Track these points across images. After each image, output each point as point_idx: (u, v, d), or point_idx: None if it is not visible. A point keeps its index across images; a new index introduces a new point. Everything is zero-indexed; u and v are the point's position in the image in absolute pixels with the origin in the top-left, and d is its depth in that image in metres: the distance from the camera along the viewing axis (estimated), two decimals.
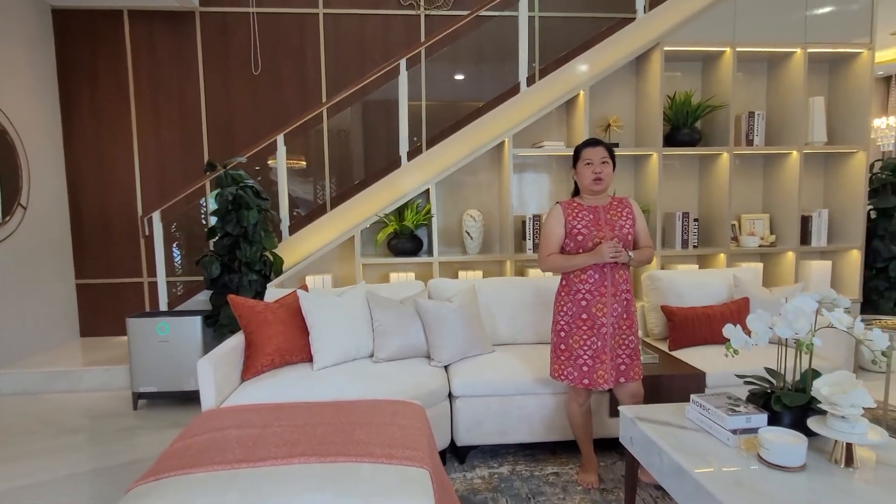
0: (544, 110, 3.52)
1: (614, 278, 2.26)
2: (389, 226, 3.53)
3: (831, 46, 3.66)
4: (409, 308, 2.87)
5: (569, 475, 2.53)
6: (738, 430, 1.70)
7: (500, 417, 2.61)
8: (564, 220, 2.30)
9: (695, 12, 3.51)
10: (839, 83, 3.92)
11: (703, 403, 1.83)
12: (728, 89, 3.62)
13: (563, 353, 2.32)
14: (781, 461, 1.52)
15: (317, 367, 2.64)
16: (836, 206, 3.97)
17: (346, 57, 4.76)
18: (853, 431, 1.51)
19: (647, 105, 3.69)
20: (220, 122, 4.75)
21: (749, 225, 3.97)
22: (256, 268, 3.36)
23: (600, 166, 2.27)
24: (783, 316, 1.64)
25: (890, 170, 3.94)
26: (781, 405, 1.71)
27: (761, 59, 3.87)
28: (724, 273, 3.30)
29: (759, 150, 3.73)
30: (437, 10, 4.73)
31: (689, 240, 3.76)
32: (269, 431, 1.85)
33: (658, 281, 3.22)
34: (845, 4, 3.67)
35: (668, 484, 1.70)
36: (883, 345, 1.56)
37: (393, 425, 1.88)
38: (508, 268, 3.64)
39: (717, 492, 1.43)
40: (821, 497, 1.40)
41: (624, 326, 2.29)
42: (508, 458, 2.72)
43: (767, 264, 4.00)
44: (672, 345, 3.03)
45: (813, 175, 4.04)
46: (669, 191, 3.94)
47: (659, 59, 3.52)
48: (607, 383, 2.25)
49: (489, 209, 3.84)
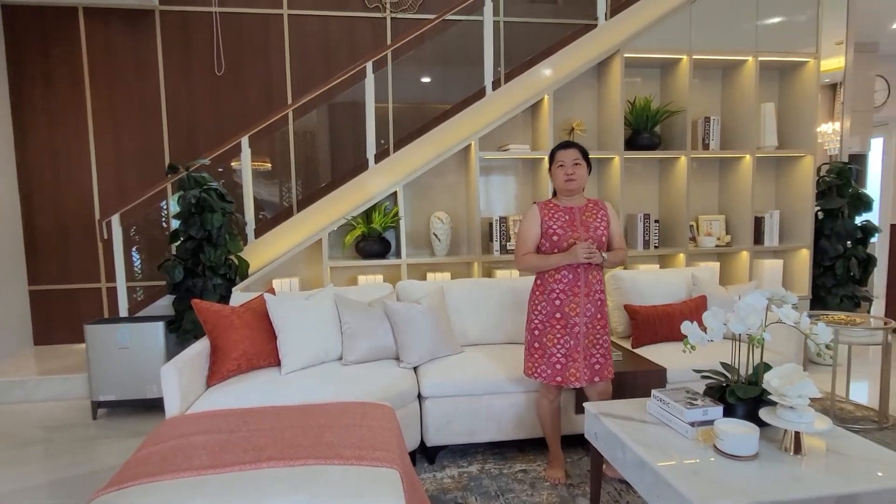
0: (510, 114, 3.58)
1: (587, 279, 2.32)
2: (357, 228, 3.53)
3: (780, 55, 3.84)
4: (377, 310, 2.88)
5: (537, 472, 2.58)
6: (695, 423, 1.78)
7: (470, 417, 2.65)
8: (541, 220, 2.35)
9: (653, 21, 3.63)
10: (788, 90, 4.12)
11: (663, 398, 1.90)
12: (685, 95, 3.75)
13: (536, 352, 2.37)
14: (735, 451, 1.60)
15: (285, 371, 2.62)
16: (787, 208, 4.16)
17: (312, 58, 4.73)
18: (801, 420, 1.60)
19: (608, 110, 3.79)
20: (181, 123, 4.65)
21: (706, 226, 4.12)
22: (221, 272, 3.30)
23: (572, 167, 2.33)
24: (736, 312, 1.72)
25: (835, 173, 4.15)
26: (735, 398, 1.80)
27: (716, 67, 4.03)
28: (683, 272, 3.42)
29: (715, 154, 3.88)
30: (403, 14, 4.74)
31: (650, 240, 3.88)
32: (236, 436, 1.83)
33: (621, 280, 3.31)
34: (793, 16, 3.85)
35: (631, 476, 1.76)
36: (826, 338, 1.66)
37: (362, 427, 1.89)
38: (476, 269, 3.68)
39: (675, 482, 1.49)
40: (771, 483, 1.48)
41: (598, 326, 2.35)
42: (478, 457, 2.75)
43: (724, 263, 4.16)
44: (635, 342, 3.12)
45: (765, 178, 4.23)
46: (631, 193, 4.06)
47: (619, 66, 3.62)
48: (580, 381, 2.31)
49: (457, 211, 3.88)
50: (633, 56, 3.69)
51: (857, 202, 4.14)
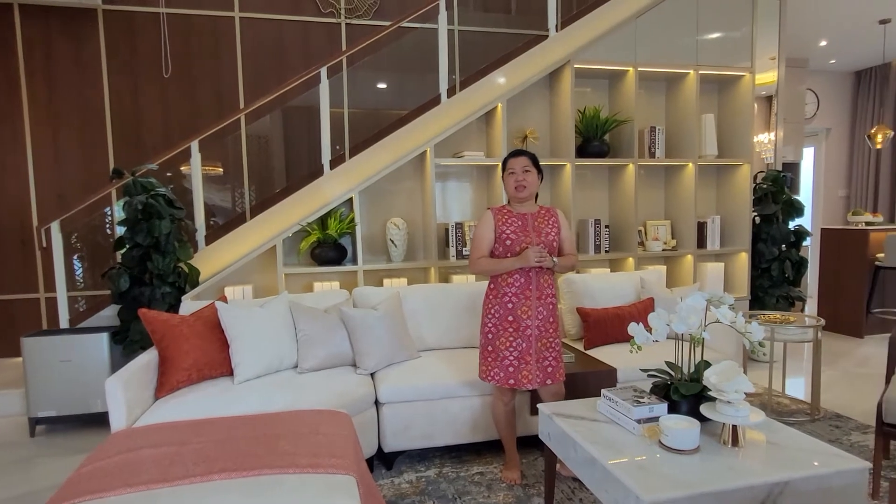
0: (464, 121, 3.63)
1: (539, 283, 2.38)
2: (312, 234, 3.50)
3: (719, 69, 4.06)
4: (333, 317, 2.86)
5: (493, 473, 2.62)
6: (642, 420, 1.86)
7: (427, 421, 2.66)
8: (495, 224, 2.40)
9: (601, 34, 3.77)
10: (727, 102, 4.35)
11: (612, 397, 1.98)
12: (632, 105, 3.91)
13: (490, 355, 2.42)
14: (678, 445, 1.68)
15: (238, 381, 2.57)
16: (727, 213, 4.39)
17: (265, 62, 4.66)
18: (737, 414, 1.70)
19: (560, 118, 3.90)
20: (127, 126, 4.48)
21: (654, 231, 4.29)
22: (170, 280, 3.20)
23: (522, 175, 2.39)
24: (678, 313, 1.81)
25: (770, 180, 4.40)
26: (679, 394, 1.89)
27: (660, 79, 4.22)
28: (632, 276, 3.55)
29: (661, 162, 4.05)
30: (358, 20, 4.74)
31: (601, 245, 4.01)
32: (186, 449, 1.78)
33: (573, 284, 3.41)
34: (730, 32, 4.08)
35: (582, 473, 1.82)
36: (759, 336, 1.77)
37: (318, 434, 1.88)
38: (433, 274, 3.71)
39: (622, 476, 1.56)
40: (711, 475, 1.57)
41: (550, 329, 2.42)
42: (435, 461, 2.77)
43: (670, 266, 4.34)
44: (587, 344, 3.22)
45: (707, 185, 4.44)
46: (583, 199, 4.19)
47: (570, 76, 3.74)
48: (532, 383, 2.37)
49: (413, 217, 3.90)
50: (583, 67, 3.81)
51: (790, 208, 4.40)
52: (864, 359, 4.48)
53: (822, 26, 5.67)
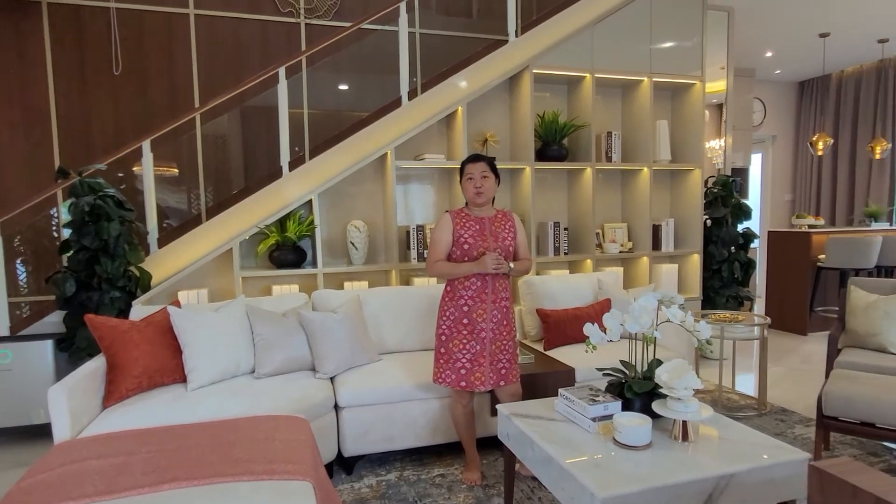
0: (425, 124, 3.64)
1: (495, 286, 2.41)
2: (271, 237, 3.43)
3: (671, 77, 4.20)
4: (292, 320, 2.82)
5: (454, 475, 2.63)
6: (597, 418, 1.90)
7: (387, 425, 2.65)
8: (453, 228, 2.41)
9: (559, 40, 3.84)
10: (679, 109, 4.50)
11: (569, 396, 2.01)
12: (589, 111, 4.00)
13: (442, 357, 2.42)
14: (631, 441, 1.73)
15: (192, 388, 2.49)
16: (680, 216, 4.54)
17: (221, 60, 4.55)
18: (687, 410, 1.76)
19: (519, 122, 3.96)
20: (74, 125, 4.30)
21: (611, 233, 4.40)
22: (120, 284, 3.08)
23: (481, 180, 2.42)
24: (631, 314, 1.86)
25: (720, 185, 4.58)
26: (632, 392, 1.94)
27: (616, 86, 4.33)
28: (590, 277, 3.63)
29: (617, 166, 4.15)
30: (318, 20, 4.69)
31: (560, 247, 4.08)
32: (135, 459, 1.72)
33: (533, 286, 3.46)
34: (682, 41, 4.23)
35: (540, 472, 1.85)
36: (707, 335, 1.84)
37: (274, 440, 1.84)
38: (394, 277, 3.70)
39: (577, 474, 1.59)
40: (662, 469, 1.62)
41: (504, 332, 2.44)
42: (396, 465, 2.76)
43: (627, 268, 4.46)
44: (547, 345, 3.27)
45: (661, 189, 4.58)
46: (542, 202, 4.25)
47: (529, 81, 3.80)
48: (484, 385, 2.39)
49: (374, 220, 3.88)
50: (542, 72, 3.88)
51: (739, 211, 4.58)
52: (807, 355, 4.70)
53: (767, 38, 5.95)
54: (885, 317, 2.91)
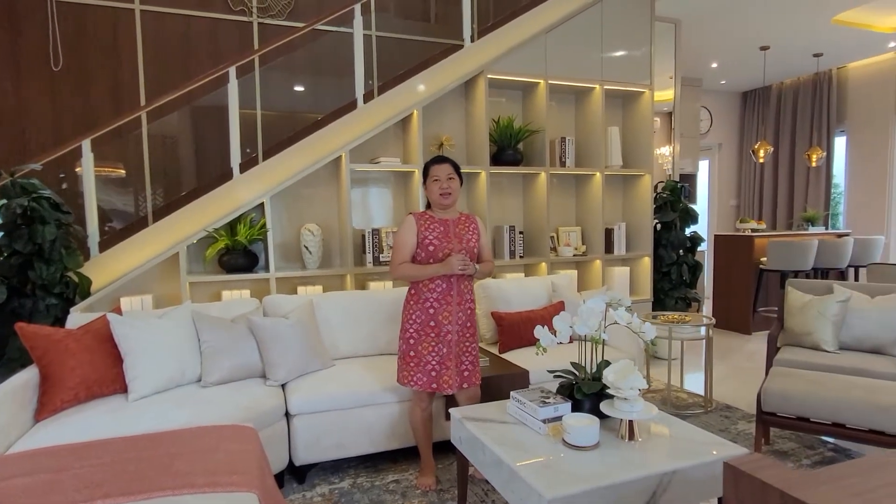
0: (380, 127, 3.62)
1: (459, 288, 2.41)
2: (220, 241, 3.33)
3: (622, 85, 4.32)
4: (241, 327, 2.74)
5: (409, 481, 2.61)
6: (547, 420, 1.92)
7: (340, 431, 2.61)
8: (417, 230, 2.40)
9: (513, 46, 3.89)
10: (630, 116, 4.63)
11: (520, 398, 2.03)
12: (543, 116, 4.06)
13: (412, 360, 2.40)
14: (579, 442, 1.76)
15: (133, 398, 2.39)
16: (632, 220, 4.66)
17: (169, 58, 4.40)
18: (633, 410, 1.80)
19: (475, 127, 3.99)
20: (7, 123, 4.06)
21: (565, 236, 4.48)
22: (56, 290, 2.93)
23: (447, 182, 2.42)
24: (579, 316, 1.89)
25: (669, 190, 4.73)
26: (582, 393, 1.97)
27: (569, 92, 4.42)
28: (544, 280, 3.68)
29: (571, 171, 4.24)
30: (271, 19, 4.60)
31: (515, 250, 4.13)
32: (67, 475, 1.63)
33: (488, 289, 3.48)
34: (631, 51, 4.36)
35: (490, 475, 1.85)
36: (651, 335, 1.89)
37: (219, 451, 1.78)
38: (349, 281, 3.65)
39: (526, 476, 1.60)
40: (609, 468, 1.65)
41: (468, 334, 2.45)
42: (350, 472, 2.72)
43: (581, 271, 4.55)
44: (502, 347, 3.29)
45: (613, 193, 4.70)
46: (498, 206, 4.29)
47: (484, 86, 3.83)
48: (451, 388, 2.39)
49: (329, 223, 3.82)
50: (497, 78, 3.92)
51: (686, 216, 4.75)
52: (750, 354, 4.90)
53: (712, 50, 6.20)
54: (819, 316, 3.06)
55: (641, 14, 4.36)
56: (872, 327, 3.01)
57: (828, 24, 5.50)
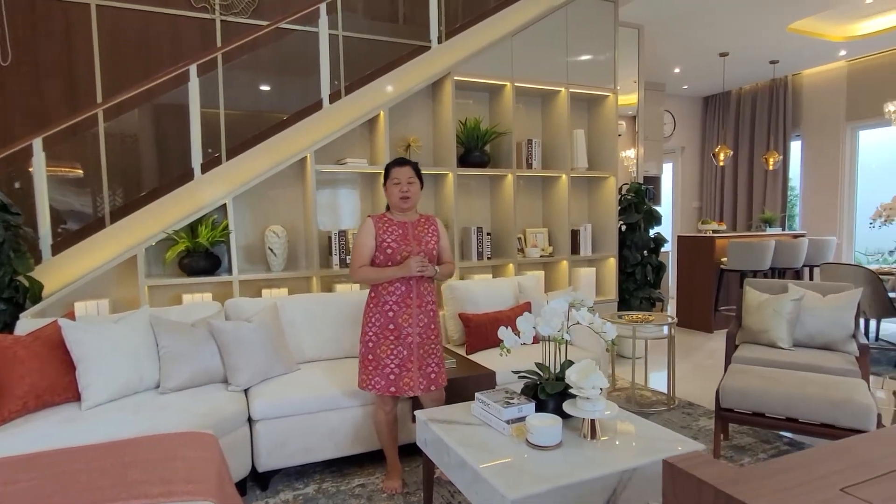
0: (346, 128, 3.58)
1: (419, 290, 2.40)
2: (180, 243, 3.25)
3: (587, 88, 4.38)
4: (201, 331, 2.67)
5: (375, 485, 2.59)
6: (511, 420, 1.93)
7: (305, 436, 2.57)
8: (375, 233, 2.38)
9: (479, 49, 3.91)
10: (595, 119, 4.71)
11: (485, 399, 2.04)
12: (510, 118, 4.09)
13: (370, 363, 2.39)
14: (542, 442, 1.77)
15: (86, 406, 2.30)
16: (597, 221, 4.74)
17: (128, 55, 4.27)
18: (594, 409, 1.82)
19: (442, 128, 3.99)
20: None
21: (532, 238, 4.51)
22: (5, 295, 2.80)
23: (407, 185, 2.41)
24: (542, 316, 1.91)
25: (633, 192, 4.83)
26: (545, 393, 1.99)
27: (535, 95, 4.46)
28: (511, 281, 3.70)
29: (537, 173, 4.28)
30: (235, 17, 4.51)
31: (483, 252, 4.14)
32: (14, 489, 1.56)
33: (456, 290, 3.48)
34: (596, 55, 4.43)
35: (455, 476, 1.85)
36: (612, 335, 1.92)
37: (176, 459, 1.73)
38: (315, 284, 3.60)
39: (489, 476, 1.60)
40: (571, 468, 1.66)
41: (431, 336, 2.44)
42: (315, 477, 2.68)
43: (548, 272, 4.59)
44: (469, 349, 3.30)
45: (579, 195, 4.77)
46: (465, 207, 4.30)
47: (451, 87, 3.84)
48: (413, 390, 2.38)
49: (294, 225, 3.76)
50: (463, 79, 3.93)
51: (650, 217, 4.85)
52: (712, 352, 5.03)
53: (675, 55, 6.36)
54: (775, 315, 3.16)
55: (605, 19, 4.44)
56: (824, 324, 3.12)
57: (783, 32, 5.70)
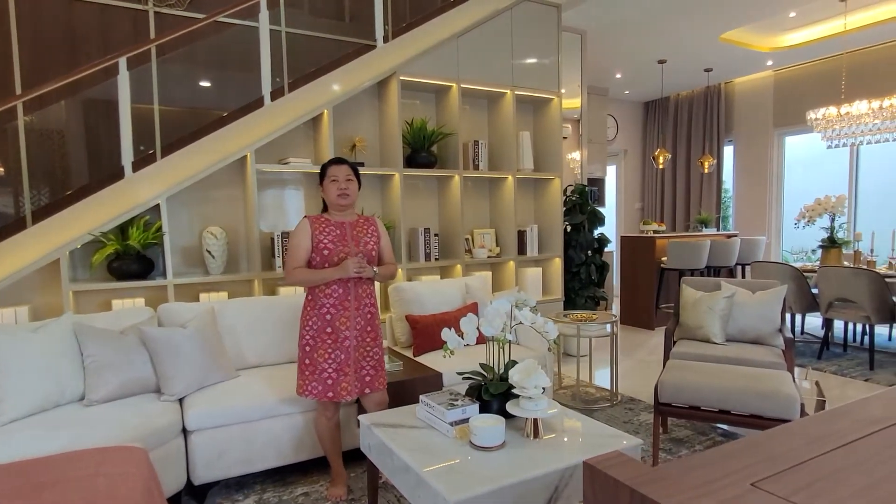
0: (288, 126, 3.49)
1: (358, 293, 2.35)
2: (109, 245, 3.06)
3: (532, 91, 4.45)
4: (132, 338, 2.53)
5: (319, 492, 2.52)
6: (455, 422, 1.92)
7: (245, 446, 2.47)
8: (311, 233, 2.32)
9: (425, 49, 3.90)
10: (540, 121, 4.78)
11: (429, 402, 2.02)
12: (456, 119, 4.10)
13: (308, 368, 2.32)
14: (485, 443, 1.77)
15: (1, 423, 2.13)
16: (543, 222, 4.81)
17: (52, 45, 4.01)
18: (537, 408, 1.84)
19: (388, 128, 3.95)
20: None
21: (480, 238, 4.54)
22: None
23: (345, 183, 2.36)
24: (485, 317, 1.91)
25: (578, 193, 4.94)
26: (489, 394, 1.99)
27: (482, 96, 4.49)
28: (458, 282, 3.70)
29: (484, 174, 4.31)
30: (169, 9, 4.31)
31: (431, 253, 4.13)
32: None
33: (403, 292, 3.45)
34: (541, 59, 4.50)
35: (398, 481, 1.82)
36: (554, 335, 1.94)
37: (98, 477, 1.62)
38: (257, 287, 3.49)
39: (431, 480, 1.58)
40: (513, 468, 1.67)
41: (368, 339, 2.39)
42: (255, 488, 2.58)
43: (495, 272, 4.63)
44: (416, 351, 3.27)
45: (525, 196, 4.83)
46: (413, 208, 4.27)
47: (396, 87, 3.81)
48: (350, 395, 2.32)
49: (235, 226, 3.63)
50: (410, 80, 3.91)
51: (594, 218, 4.98)
52: (653, 348, 5.21)
53: (616, 61, 6.56)
54: (709, 311, 3.30)
55: (549, 24, 4.52)
56: (754, 320, 3.29)
57: (716, 42, 5.98)
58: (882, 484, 0.49)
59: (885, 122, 5.02)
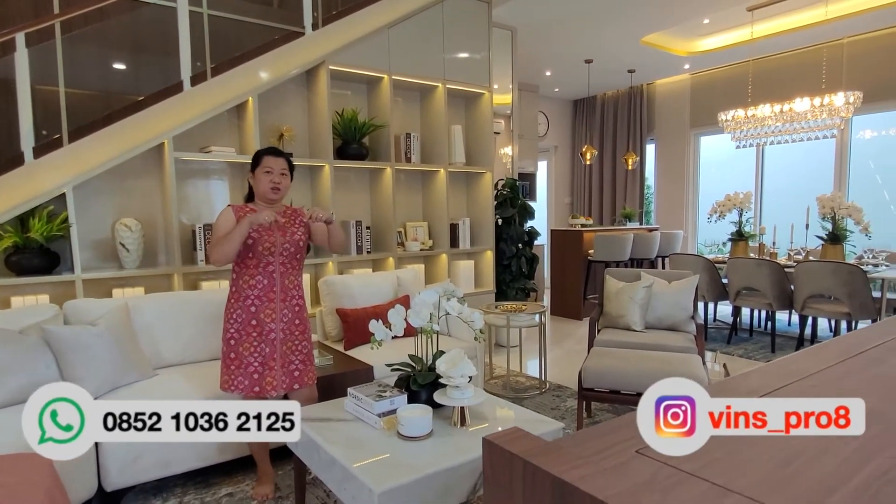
0: (211, 113, 3.33)
1: (283, 284, 2.29)
2: (6, 238, 2.81)
3: (463, 86, 4.49)
4: (33, 339, 2.34)
5: (244, 492, 2.45)
6: (383, 413, 1.92)
7: (162, 448, 2.36)
8: (236, 220, 2.23)
9: (355, 39, 3.83)
10: (472, 116, 4.83)
11: (357, 394, 2.00)
12: (388, 111, 4.07)
13: (232, 363, 2.25)
14: (413, 433, 1.78)
15: None
16: (475, 216, 4.88)
17: None
18: (463, 397, 1.87)
19: (318, 118, 3.86)
20: None
21: (413, 231, 4.54)
22: None
23: (279, 177, 2.31)
24: (412, 308, 1.91)
25: (508, 187, 5.04)
26: (417, 385, 2.00)
27: (414, 89, 4.48)
28: (390, 275, 3.69)
29: (416, 167, 4.30)
30: None
31: (363, 246, 4.08)
32: None
33: (332, 285, 3.39)
34: (472, 54, 4.55)
35: (325, 476, 1.80)
36: (480, 325, 1.98)
37: None
38: (177, 282, 3.32)
39: (357, 471, 1.58)
40: (440, 456, 1.69)
41: (296, 332, 2.33)
42: (175, 491, 2.47)
43: (428, 265, 4.64)
44: (347, 344, 3.23)
45: (457, 189, 4.87)
46: (344, 201, 4.20)
47: (326, 77, 3.73)
48: (276, 390, 2.26)
49: (152, 218, 3.43)
50: (340, 69, 3.83)
51: (524, 212, 5.10)
52: (581, 337, 5.42)
53: (546, 59, 6.73)
54: (630, 301, 3.48)
55: (480, 19, 4.57)
56: (669, 308, 3.49)
57: (637, 45, 6.27)
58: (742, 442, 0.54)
59: (785, 124, 5.46)
